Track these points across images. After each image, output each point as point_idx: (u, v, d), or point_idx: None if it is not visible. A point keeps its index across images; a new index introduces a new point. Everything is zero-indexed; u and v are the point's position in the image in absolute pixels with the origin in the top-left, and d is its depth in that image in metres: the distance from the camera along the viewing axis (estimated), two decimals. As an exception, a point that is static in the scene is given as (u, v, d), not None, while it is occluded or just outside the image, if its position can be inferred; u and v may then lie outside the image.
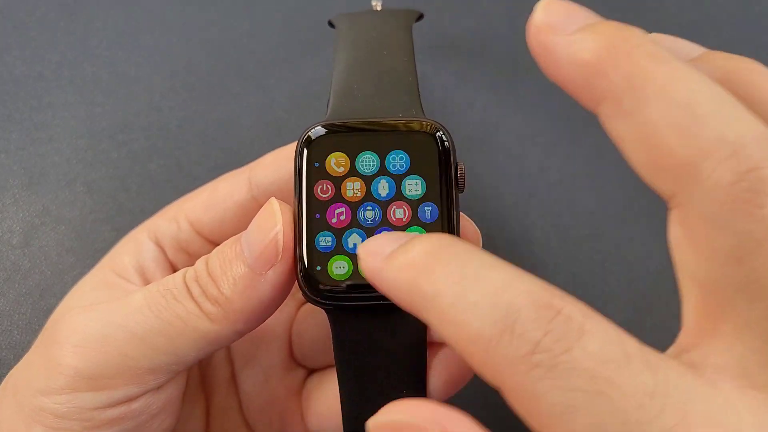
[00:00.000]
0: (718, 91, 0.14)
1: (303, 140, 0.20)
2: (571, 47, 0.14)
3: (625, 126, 0.14)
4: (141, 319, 0.19)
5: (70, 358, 0.19)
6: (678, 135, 0.13)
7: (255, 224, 0.19)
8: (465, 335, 0.13)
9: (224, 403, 0.25)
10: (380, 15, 0.25)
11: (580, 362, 0.12)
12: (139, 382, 0.19)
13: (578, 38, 0.14)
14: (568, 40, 0.14)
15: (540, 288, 0.13)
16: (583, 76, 0.14)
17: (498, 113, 0.34)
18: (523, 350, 0.12)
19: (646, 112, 0.14)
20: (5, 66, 0.35)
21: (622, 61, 0.14)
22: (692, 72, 0.14)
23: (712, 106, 0.13)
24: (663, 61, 0.14)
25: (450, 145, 0.19)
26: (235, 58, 0.35)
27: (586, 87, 0.15)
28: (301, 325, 0.26)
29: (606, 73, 0.14)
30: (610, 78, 0.14)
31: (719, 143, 0.13)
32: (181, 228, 0.24)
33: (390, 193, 0.19)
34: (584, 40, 0.14)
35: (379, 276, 0.15)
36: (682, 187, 0.13)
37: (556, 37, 0.15)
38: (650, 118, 0.13)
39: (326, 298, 0.19)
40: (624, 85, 0.14)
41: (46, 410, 0.19)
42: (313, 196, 0.19)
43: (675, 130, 0.13)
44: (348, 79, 0.22)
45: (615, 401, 0.12)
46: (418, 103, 0.21)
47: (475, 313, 0.13)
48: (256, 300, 0.19)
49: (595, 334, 0.13)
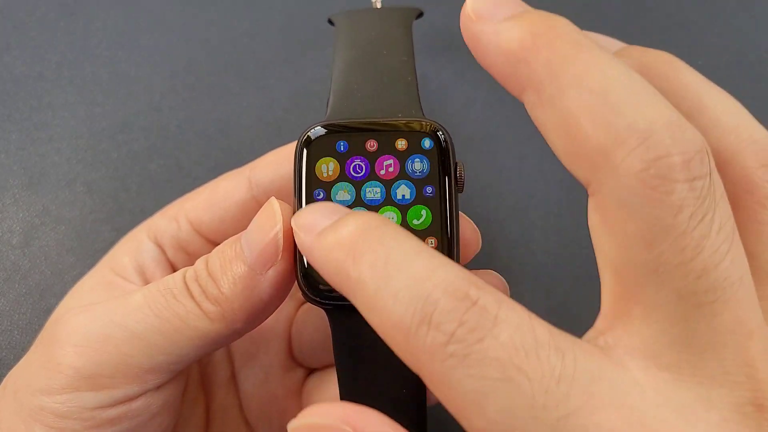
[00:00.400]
0: (634, 79, 0.14)
1: (303, 140, 0.20)
2: (498, 36, 0.15)
3: (546, 114, 0.14)
4: (141, 318, 0.19)
5: (71, 357, 0.19)
6: (592, 122, 0.14)
7: (255, 224, 0.19)
8: (388, 323, 0.14)
9: (224, 403, 0.25)
10: (380, 13, 0.25)
11: (492, 351, 0.13)
12: (139, 381, 0.19)
13: (505, 27, 0.15)
14: (495, 29, 0.15)
15: (459, 278, 0.14)
16: (509, 64, 0.15)
17: (498, 113, 0.34)
18: (438, 340, 0.13)
19: (564, 100, 0.14)
20: (5, 66, 0.35)
21: (543, 49, 0.14)
22: (610, 60, 0.14)
23: (626, 93, 0.14)
24: (582, 49, 0.14)
25: (449, 146, 0.19)
26: (235, 58, 0.35)
27: (511, 75, 0.15)
28: (301, 325, 0.26)
29: (528, 61, 0.14)
30: (532, 66, 0.14)
31: (630, 131, 0.13)
32: (181, 227, 0.24)
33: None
34: (510, 29, 0.15)
35: (311, 254, 0.16)
36: (597, 175, 0.14)
37: (484, 25, 0.15)
38: (567, 105, 0.14)
39: (326, 297, 0.19)
40: (544, 73, 0.14)
41: (46, 410, 0.19)
42: (312, 195, 0.19)
43: (589, 117, 0.14)
44: (347, 79, 0.22)
45: (523, 387, 0.13)
46: (418, 103, 0.21)
47: (396, 302, 0.14)
48: (256, 299, 0.19)
49: (508, 322, 0.13)
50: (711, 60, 0.35)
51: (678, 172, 0.13)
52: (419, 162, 0.19)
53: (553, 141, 0.15)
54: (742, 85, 0.34)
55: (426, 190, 0.19)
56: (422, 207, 0.19)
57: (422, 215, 0.19)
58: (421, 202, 0.19)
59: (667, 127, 0.13)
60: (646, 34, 0.35)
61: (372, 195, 0.19)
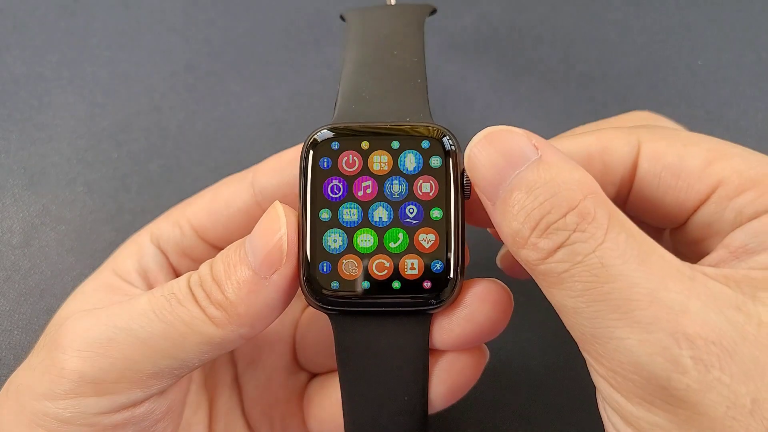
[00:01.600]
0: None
1: (309, 143, 0.20)
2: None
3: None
4: (145, 323, 0.19)
5: (74, 362, 0.19)
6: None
7: (259, 228, 0.19)
8: None
9: (227, 406, 0.25)
10: (392, 10, 0.25)
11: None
12: (143, 386, 0.19)
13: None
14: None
15: None
16: None
17: (498, 113, 0.34)
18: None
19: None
20: (5, 66, 0.35)
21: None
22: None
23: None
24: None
25: (456, 151, 0.19)
26: (235, 58, 0.35)
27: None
28: (305, 329, 0.26)
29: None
30: None
31: None
32: (184, 234, 0.24)
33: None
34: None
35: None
36: None
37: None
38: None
39: (329, 302, 0.19)
40: None
41: (49, 415, 0.19)
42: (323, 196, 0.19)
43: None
44: (356, 80, 0.22)
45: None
46: (426, 106, 0.21)
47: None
48: (261, 304, 0.19)
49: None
50: (711, 60, 0.35)
51: None
52: (413, 158, 0.19)
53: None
54: (742, 85, 0.34)
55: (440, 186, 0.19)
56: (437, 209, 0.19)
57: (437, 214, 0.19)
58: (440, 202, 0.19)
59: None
60: (647, 34, 0.35)
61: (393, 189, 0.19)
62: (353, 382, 0.20)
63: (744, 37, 0.35)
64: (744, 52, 0.35)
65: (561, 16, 0.36)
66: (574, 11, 0.36)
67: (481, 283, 0.20)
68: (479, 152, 0.18)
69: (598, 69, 0.35)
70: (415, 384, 0.20)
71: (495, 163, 0.18)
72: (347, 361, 0.20)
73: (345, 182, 0.19)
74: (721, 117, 0.34)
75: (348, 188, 0.19)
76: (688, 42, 0.35)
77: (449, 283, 0.19)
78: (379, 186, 0.19)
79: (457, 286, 0.19)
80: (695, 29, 0.36)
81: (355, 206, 0.19)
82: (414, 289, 0.19)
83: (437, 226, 0.19)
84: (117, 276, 0.23)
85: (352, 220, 0.19)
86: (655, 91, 0.34)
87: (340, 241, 0.19)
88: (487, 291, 0.20)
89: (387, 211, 0.19)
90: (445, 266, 0.19)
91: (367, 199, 0.19)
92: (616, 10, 0.36)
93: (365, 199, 0.19)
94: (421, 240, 0.19)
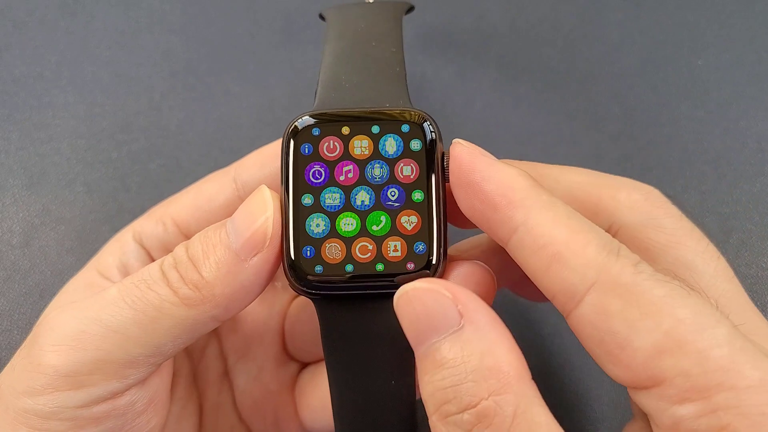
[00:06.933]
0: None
1: (290, 130, 0.20)
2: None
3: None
4: (115, 312, 0.19)
5: (49, 357, 0.19)
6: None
7: (244, 210, 0.19)
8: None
9: (217, 400, 0.25)
10: (370, 7, 0.26)
11: None
12: (119, 376, 0.19)
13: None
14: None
15: None
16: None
17: (498, 113, 0.34)
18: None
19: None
20: (5, 66, 0.35)
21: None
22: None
23: None
24: None
25: (437, 135, 0.20)
26: (235, 58, 0.35)
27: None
28: (294, 319, 0.26)
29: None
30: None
31: None
32: (167, 230, 0.24)
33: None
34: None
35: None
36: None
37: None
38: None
39: (312, 287, 0.19)
40: None
41: (30, 411, 0.19)
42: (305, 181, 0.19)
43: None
44: (335, 69, 0.22)
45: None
46: (406, 93, 0.21)
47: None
48: (238, 286, 0.19)
49: None
50: (711, 60, 0.35)
51: None
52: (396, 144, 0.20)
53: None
54: (742, 85, 0.34)
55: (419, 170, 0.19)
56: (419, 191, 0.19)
57: (419, 196, 0.19)
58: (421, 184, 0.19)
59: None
60: (647, 33, 0.35)
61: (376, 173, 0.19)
62: (340, 368, 0.20)
63: (744, 37, 0.35)
64: (744, 52, 0.35)
65: (561, 16, 0.36)
66: (574, 11, 0.36)
67: (463, 265, 0.20)
68: (405, 306, 0.18)
69: (598, 69, 0.35)
70: (402, 368, 0.20)
71: (417, 322, 0.17)
72: (333, 347, 0.20)
73: (326, 167, 0.19)
74: (721, 117, 0.34)
75: (330, 173, 0.19)
76: (688, 42, 0.35)
77: (432, 264, 0.19)
78: (360, 170, 0.19)
79: (440, 266, 0.19)
80: (695, 29, 0.36)
81: (337, 191, 0.19)
82: (397, 270, 0.19)
83: (419, 208, 0.19)
84: (99, 273, 0.23)
85: (334, 204, 0.19)
86: (655, 91, 0.34)
87: (323, 226, 0.19)
88: (470, 272, 0.20)
89: (369, 195, 0.19)
90: (428, 247, 0.19)
91: (348, 183, 0.19)
92: (616, 10, 0.36)
93: (347, 183, 0.19)
94: (403, 222, 0.19)
